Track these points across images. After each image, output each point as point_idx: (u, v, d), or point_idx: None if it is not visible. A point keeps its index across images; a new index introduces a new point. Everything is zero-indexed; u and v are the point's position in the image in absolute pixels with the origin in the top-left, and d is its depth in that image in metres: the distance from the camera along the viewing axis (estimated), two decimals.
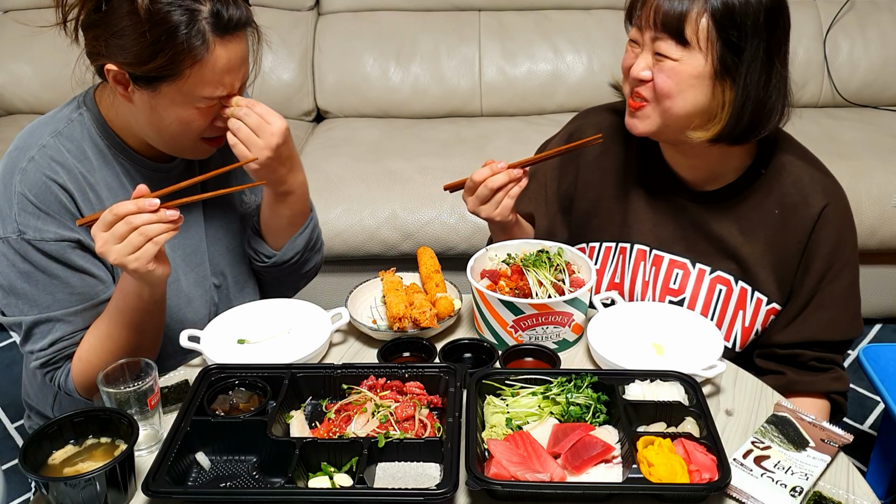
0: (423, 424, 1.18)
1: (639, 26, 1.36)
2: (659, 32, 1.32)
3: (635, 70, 1.37)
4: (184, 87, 1.29)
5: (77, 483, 1.06)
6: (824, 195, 1.42)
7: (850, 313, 1.46)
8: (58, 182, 1.35)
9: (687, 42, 1.31)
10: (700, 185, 1.48)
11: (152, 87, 1.30)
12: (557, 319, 1.37)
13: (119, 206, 1.22)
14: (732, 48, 1.31)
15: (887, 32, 3.16)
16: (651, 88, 1.36)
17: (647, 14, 1.33)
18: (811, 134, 2.90)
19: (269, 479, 1.14)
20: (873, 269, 2.76)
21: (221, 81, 1.31)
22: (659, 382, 1.23)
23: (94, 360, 1.37)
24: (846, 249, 1.44)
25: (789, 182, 1.44)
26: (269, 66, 3.17)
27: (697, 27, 1.30)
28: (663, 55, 1.33)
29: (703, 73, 1.32)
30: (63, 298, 1.37)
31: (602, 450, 1.12)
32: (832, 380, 1.47)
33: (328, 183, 2.67)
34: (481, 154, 2.82)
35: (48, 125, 1.40)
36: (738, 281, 1.48)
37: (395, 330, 1.40)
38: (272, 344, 1.41)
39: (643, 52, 1.37)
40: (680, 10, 1.30)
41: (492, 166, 1.46)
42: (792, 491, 1.10)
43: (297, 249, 1.56)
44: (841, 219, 1.43)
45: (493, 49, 3.19)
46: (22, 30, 3.19)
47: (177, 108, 1.31)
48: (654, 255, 1.53)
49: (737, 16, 1.29)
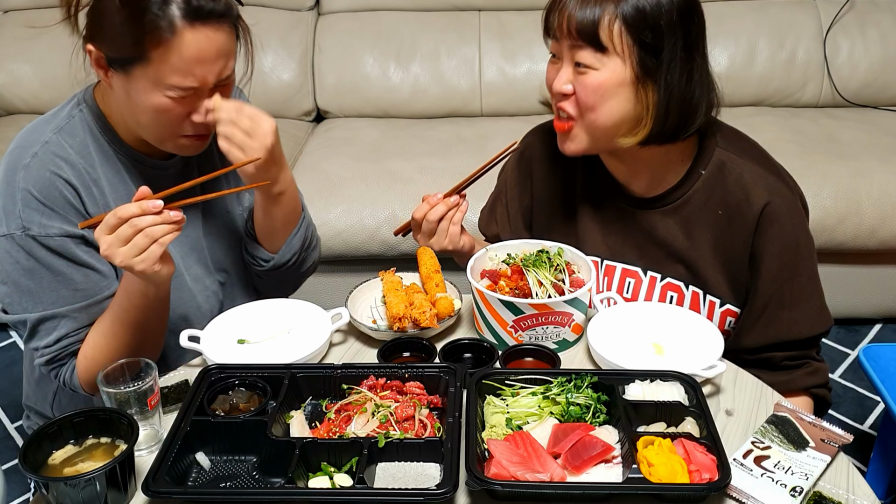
0: (423, 424, 1.18)
1: (556, 37, 1.35)
2: (575, 41, 1.31)
3: (557, 84, 1.36)
4: (152, 72, 1.27)
5: (77, 483, 1.06)
6: (767, 192, 1.40)
7: (814, 309, 1.44)
8: (62, 177, 1.35)
9: (604, 48, 1.30)
10: (644, 191, 1.48)
11: (126, 70, 1.29)
12: (557, 319, 1.37)
13: (122, 209, 1.22)
14: (650, 50, 1.30)
15: (887, 32, 3.16)
16: (574, 103, 1.35)
17: (562, 24, 1.32)
18: (811, 134, 2.91)
19: (269, 479, 1.14)
20: (873, 269, 2.76)
21: (191, 71, 1.28)
22: (659, 382, 1.23)
23: (99, 358, 1.37)
24: (798, 245, 1.41)
25: (731, 180, 1.42)
26: (269, 66, 3.17)
27: (611, 32, 1.29)
28: (583, 64, 1.32)
29: (625, 79, 1.31)
30: (67, 295, 1.37)
31: (602, 450, 1.12)
32: (808, 374, 1.46)
33: (328, 183, 2.67)
34: (481, 154, 2.81)
35: (50, 122, 1.40)
36: (688, 286, 1.48)
37: (395, 330, 1.40)
38: (272, 344, 1.41)
39: (564, 64, 1.36)
40: (592, 17, 1.29)
41: (429, 200, 1.51)
42: (792, 491, 1.10)
43: (294, 250, 1.56)
44: (787, 216, 1.40)
45: (493, 49, 3.19)
46: (22, 30, 3.21)
47: (148, 95, 1.30)
48: (606, 266, 1.53)
49: (649, 17, 1.28)
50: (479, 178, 1.57)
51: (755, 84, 3.15)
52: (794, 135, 2.89)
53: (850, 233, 2.62)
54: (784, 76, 3.16)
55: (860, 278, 2.77)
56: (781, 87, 3.17)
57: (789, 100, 3.19)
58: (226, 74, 1.33)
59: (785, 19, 3.18)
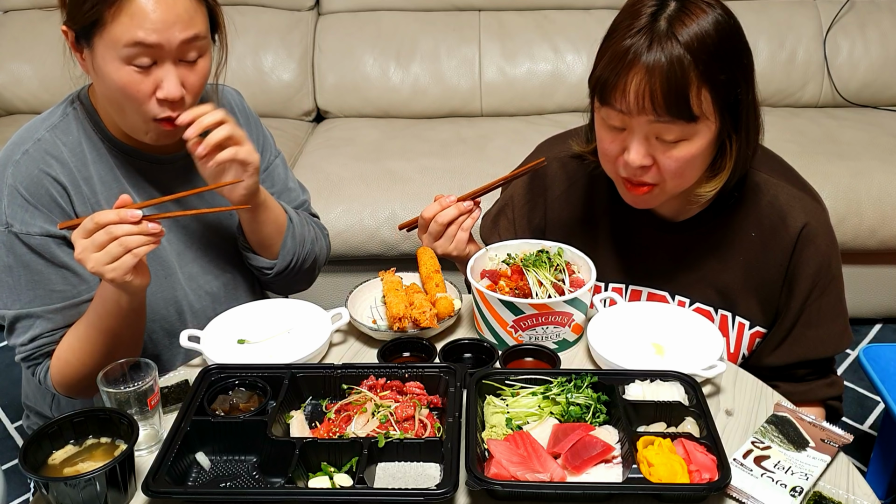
0: (423, 424, 1.18)
1: (623, 110, 1.23)
2: (662, 116, 1.20)
3: (634, 160, 1.25)
4: (109, 37, 1.26)
5: (77, 483, 1.06)
6: (803, 214, 1.37)
7: (838, 329, 1.43)
8: (51, 175, 1.35)
9: (696, 118, 1.21)
10: (674, 214, 1.44)
11: (89, 43, 1.29)
12: (557, 319, 1.37)
13: (100, 215, 1.21)
14: (733, 104, 1.26)
15: (887, 32, 3.16)
16: (656, 173, 1.28)
17: (637, 99, 1.20)
18: (811, 134, 2.91)
19: (269, 479, 1.14)
20: (873, 269, 2.76)
21: (142, 27, 1.25)
22: (659, 382, 1.23)
23: (72, 361, 1.37)
24: (831, 266, 1.39)
25: (765, 203, 1.39)
26: (270, 65, 3.17)
27: (700, 100, 1.21)
28: (669, 140, 1.23)
29: (712, 140, 1.26)
30: (43, 295, 1.37)
31: (602, 450, 1.12)
32: (826, 386, 1.45)
33: (328, 183, 2.68)
34: (481, 154, 2.82)
35: (45, 121, 1.41)
36: (717, 310, 1.46)
37: (395, 330, 1.40)
38: (272, 344, 1.41)
39: (636, 138, 1.25)
40: (680, 88, 1.18)
41: (441, 201, 1.45)
42: (792, 491, 1.10)
43: (292, 251, 1.56)
44: (822, 236, 1.38)
45: (493, 49, 3.19)
46: (22, 30, 3.21)
47: (109, 67, 1.28)
48: (632, 290, 1.50)
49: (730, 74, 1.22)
50: (497, 188, 1.53)
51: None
52: (794, 135, 2.89)
53: (850, 233, 2.62)
54: (784, 76, 3.16)
55: (860, 278, 2.77)
56: (781, 87, 3.17)
57: (789, 100, 3.19)
58: (185, 37, 1.29)
59: (785, 19, 3.18)
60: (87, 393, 1.45)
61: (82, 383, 1.40)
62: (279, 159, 1.68)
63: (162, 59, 1.29)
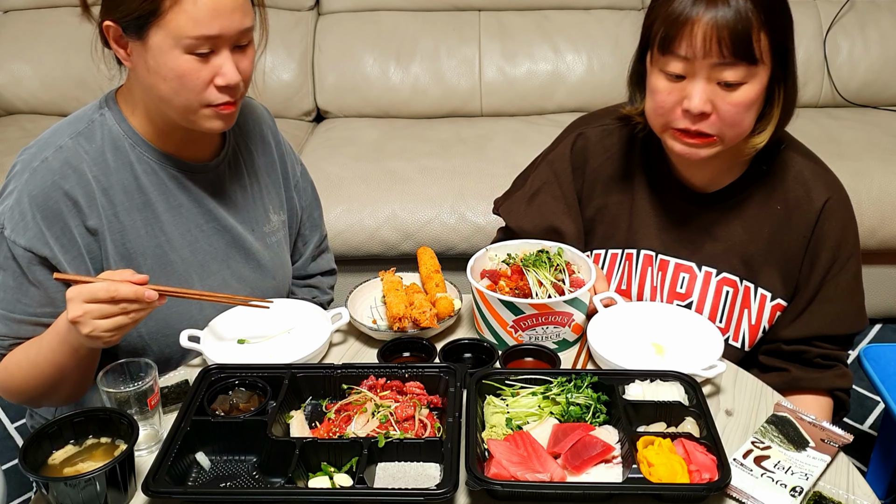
0: (423, 424, 1.18)
1: (687, 56, 1.28)
2: (727, 58, 1.26)
3: (696, 106, 1.29)
4: (169, 27, 1.25)
5: (77, 483, 1.06)
6: (826, 189, 1.43)
7: (854, 306, 1.46)
8: (64, 188, 1.32)
9: (756, 60, 1.27)
10: (704, 185, 1.48)
11: (141, 37, 1.27)
12: (557, 319, 1.37)
13: (118, 290, 1.20)
14: (784, 51, 1.31)
15: (887, 32, 3.16)
16: (716, 121, 1.31)
17: (705, 42, 1.25)
18: (811, 134, 2.89)
19: (269, 479, 1.14)
20: (873, 268, 2.76)
21: (206, 19, 1.25)
22: (659, 382, 1.24)
23: (17, 377, 1.37)
24: (850, 242, 1.44)
25: (791, 177, 1.44)
26: (269, 66, 3.17)
27: (760, 43, 1.27)
28: (732, 82, 1.28)
29: (765, 86, 1.31)
30: (11, 300, 1.35)
31: (602, 450, 1.12)
32: (837, 377, 1.46)
33: (328, 183, 2.67)
34: (481, 154, 2.82)
35: (71, 125, 1.38)
36: (742, 280, 1.48)
37: (395, 330, 1.40)
38: (272, 344, 1.41)
39: (697, 83, 1.29)
40: (744, 29, 1.25)
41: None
42: (792, 491, 1.10)
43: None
44: (843, 212, 1.43)
45: (493, 49, 3.19)
46: (22, 30, 3.21)
47: (167, 56, 1.27)
48: (661, 260, 1.52)
49: (782, 19, 1.29)
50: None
51: None
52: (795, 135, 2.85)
53: None
54: None
55: None
56: None
57: None
58: (244, 27, 1.30)
59: None
60: (28, 404, 1.46)
61: (21, 398, 1.40)
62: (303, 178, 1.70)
63: (219, 47, 1.29)
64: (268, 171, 1.58)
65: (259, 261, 1.55)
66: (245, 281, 1.53)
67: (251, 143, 1.56)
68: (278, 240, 1.59)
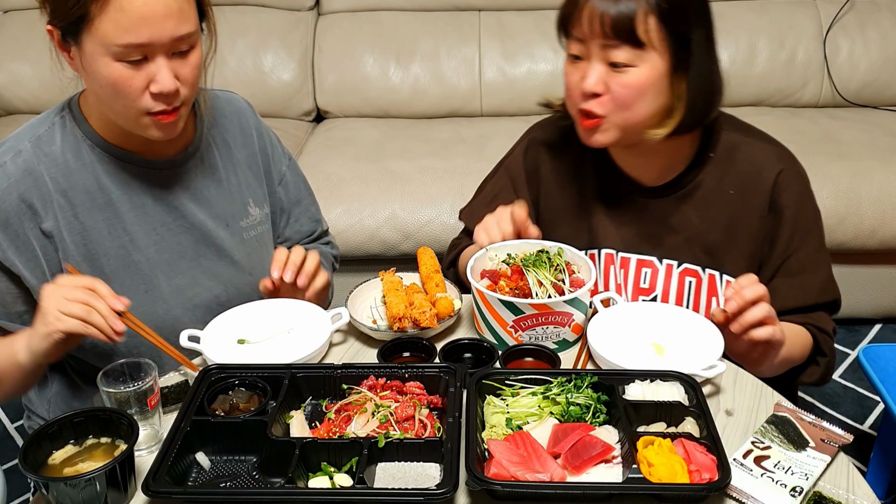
0: (423, 424, 1.18)
1: (580, 38, 1.33)
2: (609, 39, 1.30)
3: (588, 84, 1.34)
4: (97, 33, 1.22)
5: (77, 483, 1.06)
6: (778, 162, 1.45)
7: (819, 278, 1.46)
8: (19, 192, 1.33)
9: (642, 44, 1.30)
10: (654, 180, 1.49)
11: (76, 41, 1.26)
12: (557, 319, 1.37)
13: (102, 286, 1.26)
14: (682, 40, 1.32)
15: (887, 32, 3.16)
16: (607, 102, 1.35)
17: (590, 23, 1.31)
18: (811, 134, 2.91)
19: (269, 479, 1.14)
20: (873, 268, 2.76)
21: (134, 26, 1.21)
22: (659, 382, 1.23)
23: None
24: (807, 214, 1.45)
25: (741, 159, 1.45)
26: (270, 66, 3.17)
27: (647, 26, 1.29)
28: (620, 63, 1.31)
29: (661, 73, 1.33)
30: None
31: (602, 450, 1.12)
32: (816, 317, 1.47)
33: (328, 183, 2.68)
34: (481, 154, 2.82)
35: (33, 128, 1.39)
36: (705, 269, 1.49)
37: (395, 330, 1.40)
38: (272, 344, 1.41)
39: (591, 63, 1.34)
40: (627, 13, 1.28)
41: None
42: (792, 491, 1.10)
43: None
44: (798, 183, 1.45)
45: (493, 49, 3.19)
46: (22, 30, 3.21)
47: (98, 64, 1.25)
48: (622, 258, 1.53)
49: (680, 7, 1.30)
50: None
51: (755, 84, 3.15)
52: (794, 135, 2.88)
53: (850, 233, 2.62)
54: (784, 76, 3.16)
55: (860, 278, 2.77)
56: (781, 87, 3.17)
57: (789, 100, 3.19)
58: (178, 34, 1.25)
59: (785, 19, 3.18)
60: None
61: None
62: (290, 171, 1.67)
63: (153, 54, 1.26)
64: (248, 164, 1.57)
65: (232, 257, 1.53)
66: (218, 278, 1.52)
67: (228, 135, 1.55)
68: (259, 234, 1.58)
